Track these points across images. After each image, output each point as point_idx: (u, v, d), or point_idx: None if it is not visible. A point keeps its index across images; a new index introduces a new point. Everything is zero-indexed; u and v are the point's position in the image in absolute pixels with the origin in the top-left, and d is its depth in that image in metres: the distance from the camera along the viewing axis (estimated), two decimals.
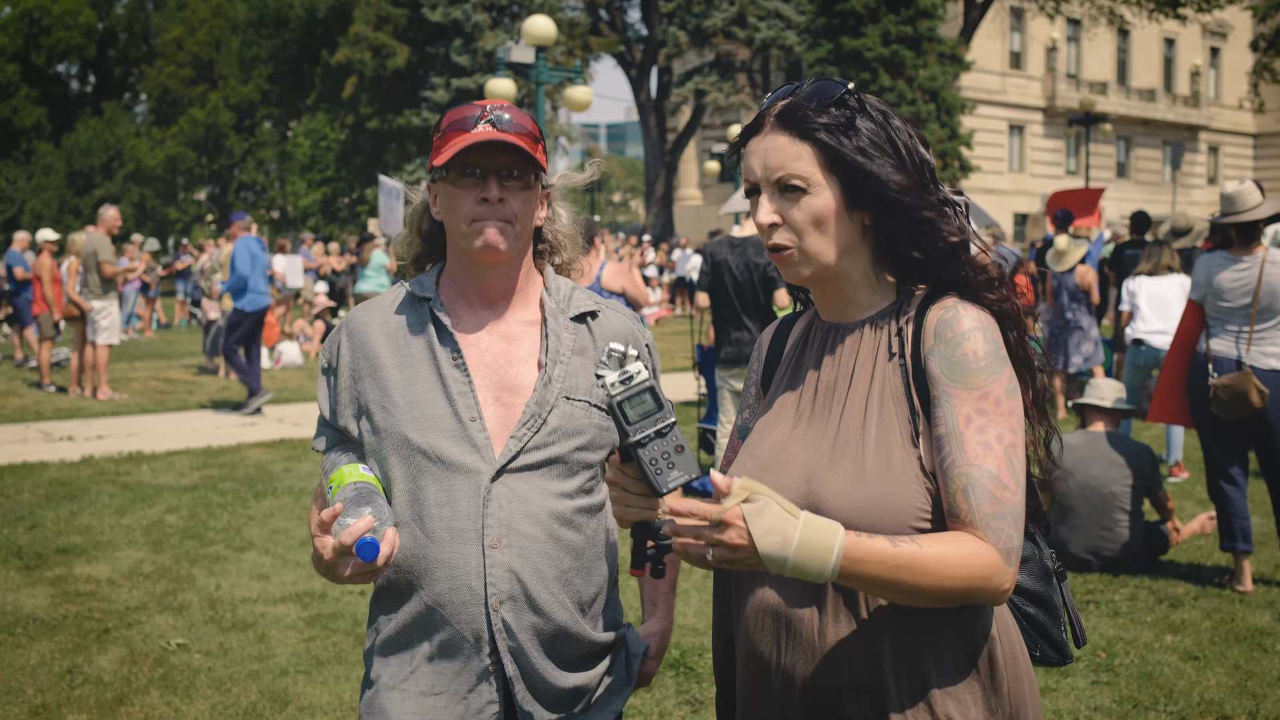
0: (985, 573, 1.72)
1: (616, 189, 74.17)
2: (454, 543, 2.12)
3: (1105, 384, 7.05)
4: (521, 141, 2.16)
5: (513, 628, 2.12)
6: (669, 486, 1.75)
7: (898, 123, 1.88)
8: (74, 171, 44.77)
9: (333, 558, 2.00)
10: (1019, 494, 1.77)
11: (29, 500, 8.46)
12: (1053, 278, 11.90)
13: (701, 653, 5.33)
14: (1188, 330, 6.45)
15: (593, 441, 2.21)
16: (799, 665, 1.87)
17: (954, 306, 1.85)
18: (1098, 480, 6.48)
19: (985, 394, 1.79)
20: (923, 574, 1.69)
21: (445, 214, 2.22)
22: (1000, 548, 1.73)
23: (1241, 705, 4.79)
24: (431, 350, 2.20)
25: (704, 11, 36.94)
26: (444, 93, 36.51)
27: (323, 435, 2.30)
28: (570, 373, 2.22)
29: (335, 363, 2.27)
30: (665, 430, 1.76)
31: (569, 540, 2.18)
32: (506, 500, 2.13)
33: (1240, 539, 6.22)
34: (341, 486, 2.08)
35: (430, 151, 2.25)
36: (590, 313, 2.30)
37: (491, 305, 2.26)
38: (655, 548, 1.87)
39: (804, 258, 1.87)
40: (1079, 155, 48.31)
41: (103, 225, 13.94)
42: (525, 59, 16.70)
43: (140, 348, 20.76)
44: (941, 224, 1.87)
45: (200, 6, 46.23)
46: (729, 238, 7.92)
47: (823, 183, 1.84)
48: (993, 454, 1.76)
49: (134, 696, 4.93)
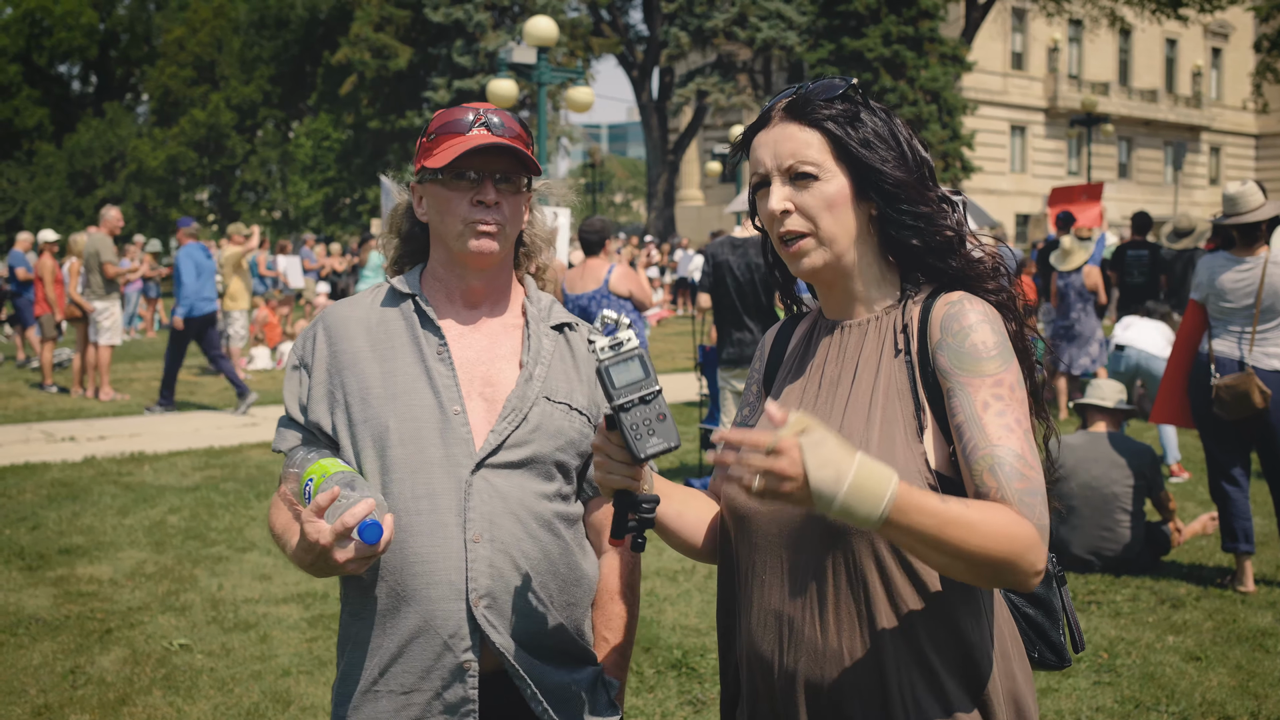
0: (1025, 544, 1.69)
1: (618, 190, 74.20)
2: (435, 536, 2.09)
3: (1106, 384, 7.05)
4: (517, 145, 2.18)
5: (495, 623, 2.10)
6: (648, 453, 1.76)
7: (900, 120, 1.92)
8: (76, 172, 44.81)
9: (330, 542, 1.95)
10: (1041, 476, 1.77)
11: (31, 501, 8.47)
12: (1059, 278, 11.89)
13: (704, 653, 5.33)
14: (1190, 331, 6.45)
15: (572, 444, 2.21)
16: (801, 665, 1.87)
17: (959, 301, 1.86)
18: (1099, 480, 6.48)
19: (999, 380, 1.80)
20: (970, 531, 1.65)
21: (436, 215, 2.22)
22: (1035, 523, 1.72)
23: (1243, 706, 4.79)
24: (416, 343, 2.20)
25: (705, 12, 36.95)
26: (445, 93, 36.53)
27: (286, 434, 2.26)
28: (551, 375, 2.23)
29: (310, 358, 2.25)
30: (649, 398, 1.77)
31: (547, 543, 2.17)
32: (488, 495, 2.12)
33: (1242, 539, 6.22)
34: (326, 477, 2.03)
35: (418, 153, 2.24)
36: (568, 324, 2.33)
37: (475, 306, 2.27)
38: (637, 520, 1.88)
39: (819, 244, 1.88)
40: (1081, 156, 48.30)
41: (105, 226, 13.96)
42: (527, 60, 16.71)
43: (142, 348, 20.78)
44: (939, 218, 1.89)
45: (202, 7, 46.27)
46: (730, 238, 7.93)
47: (834, 169, 1.87)
48: (1014, 435, 1.76)
49: (136, 697, 4.94)
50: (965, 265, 1.91)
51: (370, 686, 2.14)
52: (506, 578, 2.11)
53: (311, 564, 2.01)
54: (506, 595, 2.11)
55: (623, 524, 1.88)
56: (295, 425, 2.25)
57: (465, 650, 2.09)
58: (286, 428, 2.27)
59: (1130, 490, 6.49)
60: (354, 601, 2.19)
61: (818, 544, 1.85)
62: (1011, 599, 1.98)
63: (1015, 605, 1.98)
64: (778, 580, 1.90)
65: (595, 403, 2.28)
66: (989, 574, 1.70)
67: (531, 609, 2.13)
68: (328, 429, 2.21)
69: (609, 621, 2.34)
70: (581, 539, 2.28)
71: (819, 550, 1.85)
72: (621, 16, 41.60)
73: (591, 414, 2.26)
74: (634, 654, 5.33)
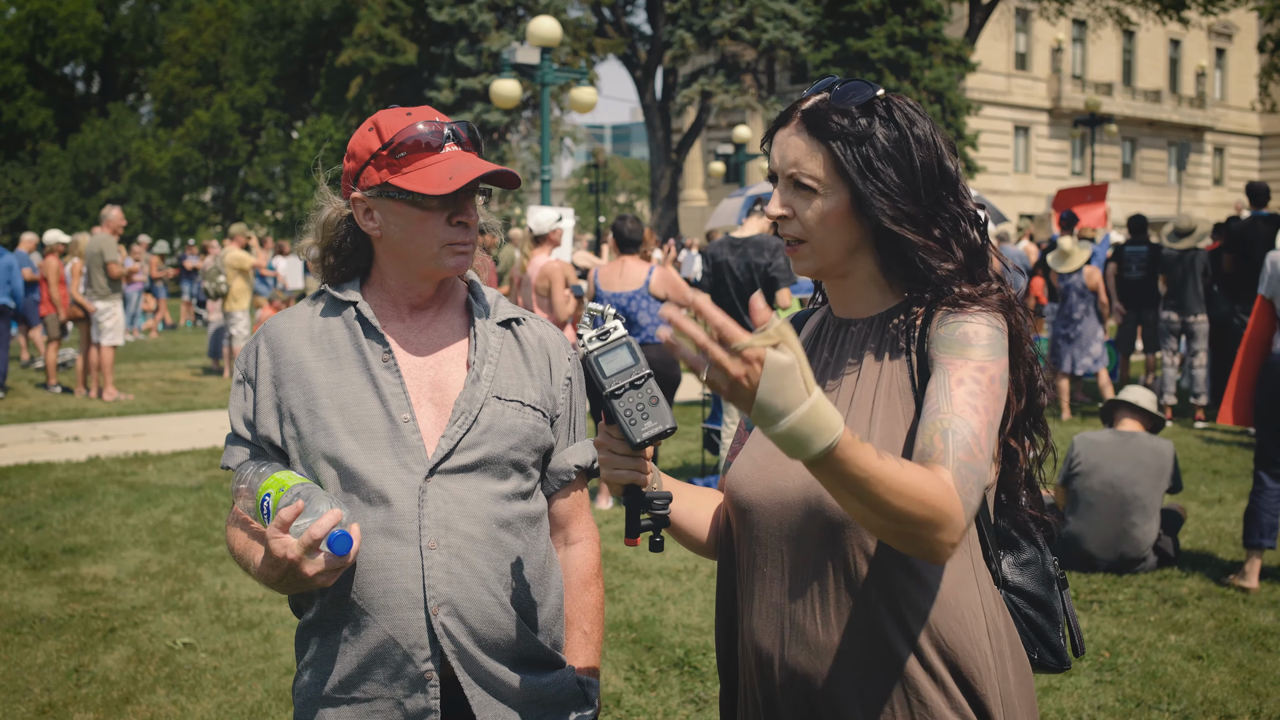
0: (944, 516, 1.65)
1: (621, 190, 74.18)
2: (389, 544, 2.07)
3: (1140, 391, 6.97)
4: (492, 163, 2.14)
5: (452, 631, 2.07)
6: (643, 437, 1.75)
7: (920, 133, 1.87)
8: (80, 173, 44.88)
9: (298, 556, 1.92)
10: (987, 467, 1.74)
11: (35, 500, 8.49)
12: (1059, 279, 11.88)
13: (706, 652, 5.34)
14: (1260, 328, 6.42)
15: (526, 441, 2.19)
16: (801, 660, 1.88)
17: (964, 307, 1.87)
18: (1121, 480, 6.44)
19: (981, 368, 1.79)
20: (895, 494, 1.61)
21: (402, 234, 2.14)
22: (963, 500, 1.68)
23: (1245, 705, 4.79)
24: (360, 352, 2.16)
25: (710, 13, 36.94)
26: (449, 93, 36.55)
27: (234, 451, 2.21)
28: (500, 373, 2.20)
29: (254, 372, 2.20)
30: (640, 382, 1.76)
31: (509, 544, 2.14)
32: (443, 501, 2.09)
33: (1266, 534, 6.24)
34: (285, 490, 1.99)
35: (372, 163, 2.14)
36: (515, 319, 2.29)
37: (420, 310, 2.23)
38: (652, 519, 1.88)
39: (811, 252, 1.91)
40: (1084, 156, 48.26)
41: (108, 226, 13.98)
42: (530, 60, 16.71)
43: (146, 348, 20.81)
44: (936, 258, 1.86)
45: (205, 8, 46.33)
46: (730, 238, 7.94)
47: (833, 185, 1.86)
48: (979, 417, 1.74)
49: (140, 695, 4.95)
50: (965, 297, 1.86)
51: (332, 695, 2.12)
52: (466, 584, 2.08)
53: (279, 580, 1.98)
54: (467, 601, 2.08)
55: (636, 523, 1.87)
56: (242, 441, 2.21)
57: (425, 660, 2.07)
58: (234, 444, 2.22)
59: (1151, 492, 6.46)
60: (311, 612, 2.16)
61: (819, 540, 1.86)
62: (1012, 600, 1.98)
63: (1016, 607, 1.98)
64: (779, 575, 1.91)
65: (549, 396, 2.26)
66: (904, 536, 1.66)
67: (493, 613, 2.10)
68: (278, 442, 2.17)
69: (585, 611, 2.33)
70: (546, 535, 2.26)
71: (820, 546, 1.86)
72: (625, 17, 41.60)
73: (546, 408, 2.24)
74: (636, 652, 5.35)
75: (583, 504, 2.38)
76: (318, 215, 2.25)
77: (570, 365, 2.32)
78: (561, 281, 8.32)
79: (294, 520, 1.93)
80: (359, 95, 39.08)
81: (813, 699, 1.88)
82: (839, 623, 1.85)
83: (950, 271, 1.86)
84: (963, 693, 1.83)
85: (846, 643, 1.85)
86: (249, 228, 15.58)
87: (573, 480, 2.33)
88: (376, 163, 2.12)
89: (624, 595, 6.20)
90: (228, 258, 15.66)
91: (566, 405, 2.30)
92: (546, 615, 2.22)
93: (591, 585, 2.35)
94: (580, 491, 2.37)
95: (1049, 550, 2.04)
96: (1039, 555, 2.01)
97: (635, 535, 1.87)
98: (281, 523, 1.93)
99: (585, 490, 2.40)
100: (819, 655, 1.87)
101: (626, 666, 5.23)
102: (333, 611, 2.11)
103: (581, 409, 2.36)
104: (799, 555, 1.89)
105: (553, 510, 2.32)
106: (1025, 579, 1.99)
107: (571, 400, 2.31)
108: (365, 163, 2.14)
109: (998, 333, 1.83)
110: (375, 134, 2.13)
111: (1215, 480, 8.96)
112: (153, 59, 48.96)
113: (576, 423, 2.34)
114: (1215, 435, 10.83)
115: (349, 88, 39.23)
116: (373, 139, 2.13)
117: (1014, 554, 2.00)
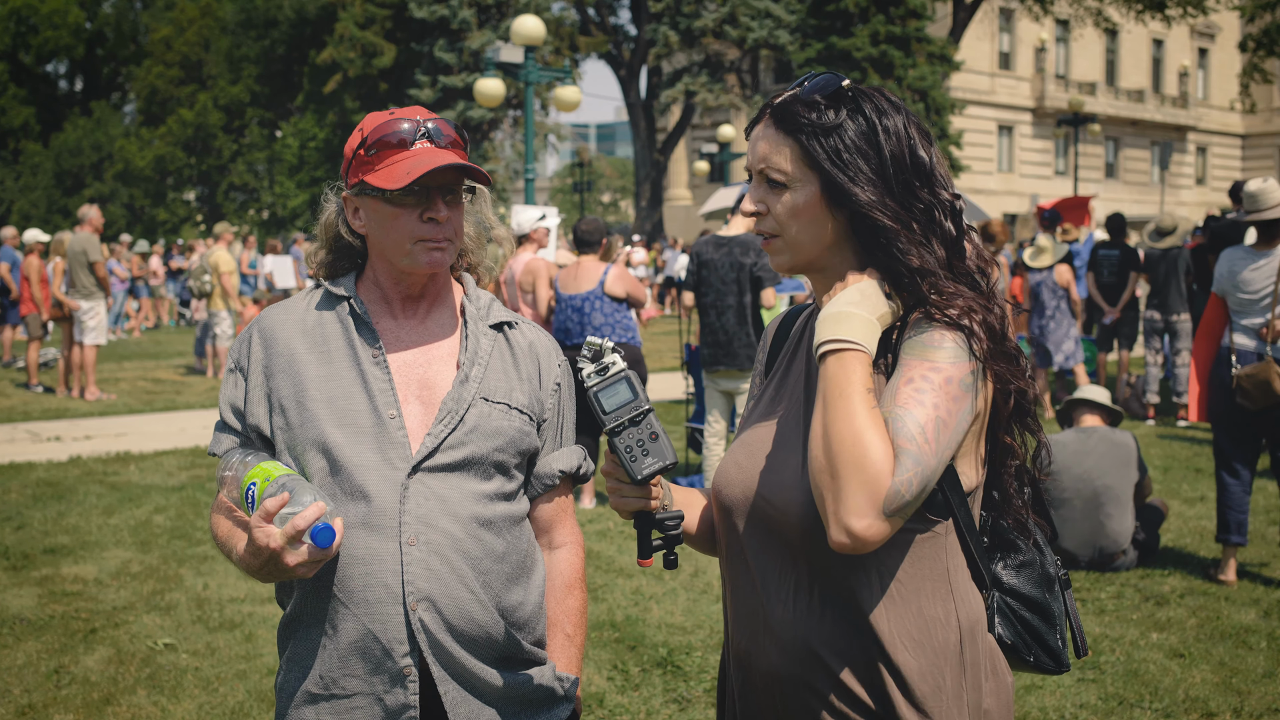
0: (869, 493, 1.66)
1: (606, 189, 74.14)
2: (370, 539, 2.08)
3: (1094, 389, 7.11)
4: (462, 157, 2.15)
5: (430, 627, 2.08)
6: (644, 473, 1.78)
7: (890, 124, 1.86)
8: (63, 171, 44.72)
9: (280, 545, 1.93)
10: (936, 462, 1.72)
11: (16, 500, 8.45)
12: (1031, 275, 11.92)
13: (689, 651, 5.34)
14: (1211, 324, 6.62)
15: (511, 443, 2.20)
16: (773, 660, 1.89)
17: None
18: (1090, 473, 6.50)
19: (935, 367, 1.77)
20: (845, 426, 1.68)
21: (379, 231, 2.17)
22: (894, 481, 1.67)
23: (1226, 702, 4.81)
24: (351, 346, 2.18)
25: (694, 12, 36.95)
26: (430, 91, 36.47)
27: (221, 439, 2.23)
28: (489, 375, 2.22)
29: (246, 362, 2.22)
30: (639, 418, 1.78)
31: (490, 543, 2.15)
32: (424, 498, 2.10)
33: (1234, 531, 6.39)
34: (270, 480, 2.01)
35: (353, 164, 2.18)
36: (507, 323, 2.31)
37: (413, 309, 2.25)
38: (664, 539, 1.90)
39: (784, 247, 1.92)
40: (1068, 156, 48.41)
41: (89, 225, 13.92)
42: (514, 59, 16.68)
43: (128, 348, 20.73)
44: (914, 245, 1.83)
45: (189, 6, 46.21)
46: (715, 237, 7.94)
47: (802, 179, 1.86)
48: (923, 408, 1.73)
49: (121, 696, 4.92)
50: (936, 298, 1.83)
51: (313, 691, 2.13)
52: (445, 580, 2.09)
53: (260, 568, 2.00)
54: (446, 598, 2.09)
55: (648, 544, 1.89)
56: (231, 430, 2.23)
57: (404, 655, 2.08)
58: (222, 431, 2.24)
59: (1122, 482, 6.51)
60: (293, 606, 2.17)
61: (789, 541, 1.87)
62: (1008, 603, 1.97)
63: (1011, 610, 1.96)
64: (754, 575, 1.92)
65: (537, 400, 2.27)
66: (821, 477, 1.69)
67: (472, 610, 2.11)
68: (266, 432, 2.19)
69: (569, 614, 2.34)
70: (529, 537, 2.27)
71: (796, 547, 1.87)
72: (609, 15, 41.59)
73: (533, 412, 2.26)
74: (619, 651, 5.35)
75: (567, 509, 2.39)
76: (320, 217, 2.31)
77: (560, 371, 2.34)
78: (546, 279, 8.33)
79: (279, 511, 1.95)
80: (336, 93, 38.93)
81: (783, 697, 1.90)
82: (806, 623, 1.86)
83: (927, 261, 1.84)
84: (929, 697, 1.83)
85: (817, 643, 1.85)
86: (233, 225, 15.56)
87: (557, 485, 2.34)
88: (356, 161, 2.17)
89: (607, 594, 6.19)
90: (212, 258, 15.61)
91: (554, 410, 2.31)
92: (527, 614, 2.22)
93: (575, 589, 2.36)
94: (565, 496, 2.38)
95: (1049, 550, 2.03)
96: (1037, 556, 2.00)
97: (648, 556, 1.89)
98: (266, 512, 1.95)
99: (570, 496, 2.41)
100: (788, 654, 1.87)
101: (609, 666, 5.22)
102: (313, 604, 2.13)
103: (570, 415, 2.37)
104: (771, 556, 1.90)
105: (537, 514, 2.33)
106: (1021, 581, 1.97)
107: (559, 406, 2.33)
108: (350, 162, 2.19)
109: (963, 337, 1.80)
110: (359, 134, 2.18)
111: (1197, 479, 8.99)
112: (136, 57, 48.81)
113: (564, 428, 2.35)
114: (1198, 434, 10.87)
115: (329, 85, 39.12)
116: (356, 138, 2.19)
117: (1010, 555, 1.99)
